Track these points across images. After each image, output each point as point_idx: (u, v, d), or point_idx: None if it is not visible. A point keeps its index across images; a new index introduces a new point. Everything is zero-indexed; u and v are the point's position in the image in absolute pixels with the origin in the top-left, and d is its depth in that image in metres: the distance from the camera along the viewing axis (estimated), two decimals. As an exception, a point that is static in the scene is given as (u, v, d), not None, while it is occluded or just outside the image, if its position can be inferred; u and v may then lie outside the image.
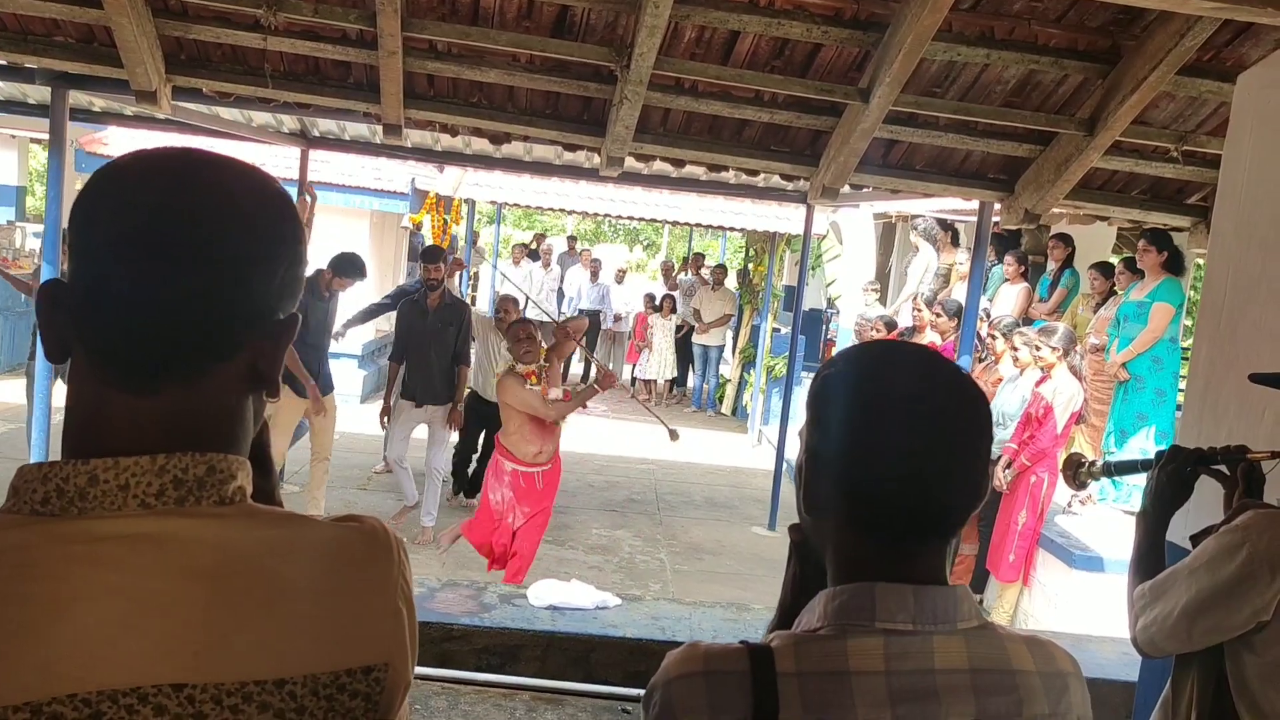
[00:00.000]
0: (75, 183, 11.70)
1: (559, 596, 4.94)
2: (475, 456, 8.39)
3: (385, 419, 7.38)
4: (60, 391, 5.86)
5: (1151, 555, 2.17)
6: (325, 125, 7.43)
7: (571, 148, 5.22)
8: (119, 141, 11.34)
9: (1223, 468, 2.18)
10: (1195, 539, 2.14)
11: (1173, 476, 2.15)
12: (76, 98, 6.10)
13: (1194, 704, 1.99)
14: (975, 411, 1.11)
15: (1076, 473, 2.45)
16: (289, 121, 7.24)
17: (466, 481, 8.42)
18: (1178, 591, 1.95)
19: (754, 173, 5.35)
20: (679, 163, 5.39)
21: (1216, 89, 4.06)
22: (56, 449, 0.89)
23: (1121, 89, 4.04)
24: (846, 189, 5.15)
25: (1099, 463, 2.48)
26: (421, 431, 7.44)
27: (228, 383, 0.87)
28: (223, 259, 0.84)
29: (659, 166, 6.24)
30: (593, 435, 11.40)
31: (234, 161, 0.89)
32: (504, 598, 4.82)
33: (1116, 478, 3.03)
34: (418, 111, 4.76)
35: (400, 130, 4.79)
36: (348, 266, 6.97)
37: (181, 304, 0.83)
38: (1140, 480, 2.30)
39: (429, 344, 7.12)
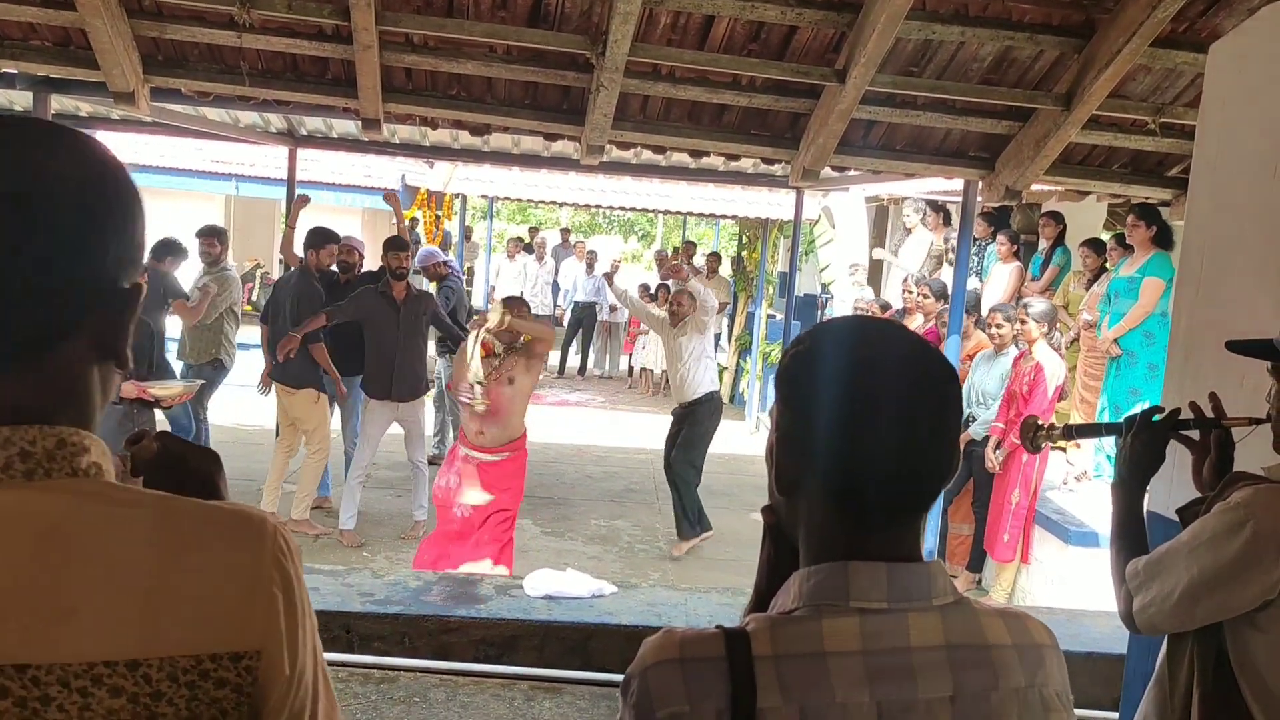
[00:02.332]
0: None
1: (555, 586, 4.96)
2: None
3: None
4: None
5: (1133, 526, 2.14)
6: (313, 124, 7.43)
7: (553, 137, 5.21)
8: (107, 146, 11.33)
9: (1194, 434, 2.16)
10: (1183, 513, 2.12)
11: (1149, 444, 2.12)
12: (62, 103, 6.11)
13: (1195, 683, 1.96)
14: (944, 386, 1.10)
15: (1034, 436, 2.40)
16: (276, 121, 7.24)
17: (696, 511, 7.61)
18: (1177, 571, 1.92)
19: (735, 157, 5.34)
20: (661, 149, 5.40)
21: (1192, 60, 4.06)
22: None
23: (1097, 63, 4.03)
24: (828, 171, 5.14)
25: (1058, 427, 2.45)
26: (392, 427, 7.06)
27: (73, 357, 0.85)
28: (47, 234, 0.81)
29: (647, 156, 6.25)
30: (590, 425, 11.42)
31: (57, 131, 0.87)
32: (500, 589, 4.84)
33: (1079, 441, 3.00)
34: (397, 105, 4.76)
35: (379, 125, 4.79)
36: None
37: (9, 284, 0.81)
38: None
39: (399, 337, 6.74)
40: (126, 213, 0.88)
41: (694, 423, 7.43)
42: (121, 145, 11.32)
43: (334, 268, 7.22)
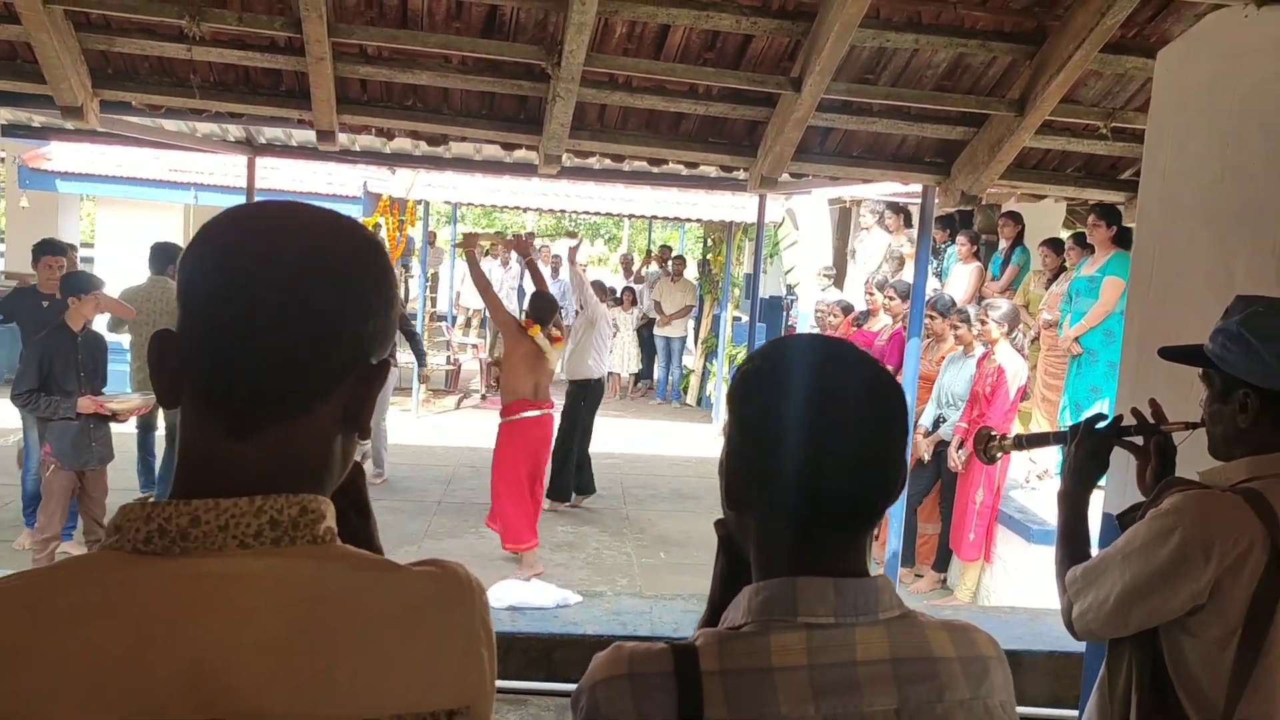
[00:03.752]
0: (20, 200, 11.53)
1: (518, 597, 4.94)
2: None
3: None
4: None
5: (1076, 533, 2.17)
6: (271, 132, 7.33)
7: (510, 147, 5.20)
8: (63, 156, 11.17)
9: (1136, 439, 2.19)
10: (1122, 519, 2.15)
11: (1092, 453, 2.15)
12: (15, 114, 6.01)
13: (1134, 687, 1.99)
14: (891, 405, 1.12)
15: (986, 446, 2.44)
16: (234, 130, 7.15)
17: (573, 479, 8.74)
18: (1111, 578, 1.95)
19: (694, 165, 5.35)
20: (619, 158, 5.39)
21: (1141, 65, 4.10)
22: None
23: (1048, 69, 4.07)
24: (786, 177, 5.15)
25: (1009, 437, 2.48)
26: None
27: (321, 425, 0.91)
28: (315, 309, 0.88)
29: (609, 161, 6.24)
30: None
31: (326, 214, 0.93)
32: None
33: (1029, 450, 3.02)
34: (352, 116, 4.72)
35: (334, 136, 4.74)
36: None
37: (276, 353, 0.87)
38: None
39: None
40: (385, 295, 0.93)
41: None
42: (76, 156, 11.18)
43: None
